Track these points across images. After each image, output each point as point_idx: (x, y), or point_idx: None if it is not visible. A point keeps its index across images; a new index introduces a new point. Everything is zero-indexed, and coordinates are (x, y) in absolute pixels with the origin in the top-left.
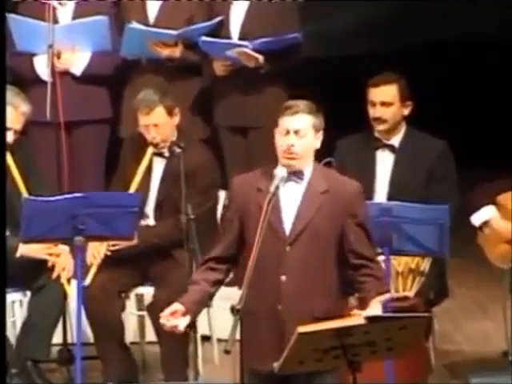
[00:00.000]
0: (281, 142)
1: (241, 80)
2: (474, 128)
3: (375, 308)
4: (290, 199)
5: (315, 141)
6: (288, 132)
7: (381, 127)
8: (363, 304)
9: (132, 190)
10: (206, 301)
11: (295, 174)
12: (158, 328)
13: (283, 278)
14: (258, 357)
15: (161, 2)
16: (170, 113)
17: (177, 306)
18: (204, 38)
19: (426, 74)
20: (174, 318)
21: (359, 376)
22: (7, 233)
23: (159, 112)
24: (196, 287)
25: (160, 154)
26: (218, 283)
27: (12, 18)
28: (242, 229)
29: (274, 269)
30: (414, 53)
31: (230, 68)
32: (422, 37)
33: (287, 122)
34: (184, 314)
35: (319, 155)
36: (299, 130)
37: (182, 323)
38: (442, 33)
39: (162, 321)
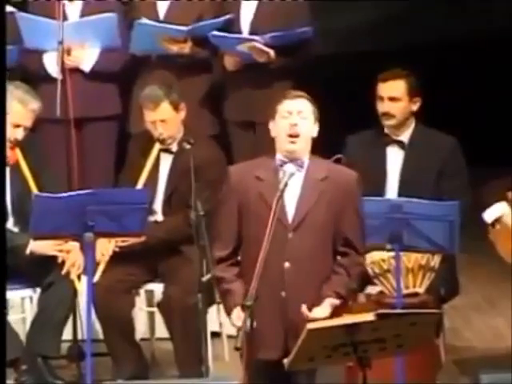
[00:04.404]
0: (283, 124)
1: (251, 75)
2: (484, 124)
3: (324, 309)
4: (291, 187)
5: (314, 128)
6: (290, 113)
7: (389, 122)
8: (320, 297)
9: (139, 186)
10: None
11: (296, 163)
12: (170, 325)
13: (286, 264)
14: (263, 346)
15: (170, 1)
16: (175, 108)
17: (240, 311)
18: (214, 33)
19: (437, 71)
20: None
21: (369, 370)
22: (17, 230)
23: (165, 107)
24: (237, 284)
25: (167, 150)
26: (240, 276)
27: (21, 16)
28: (240, 218)
29: (277, 256)
30: (425, 50)
31: (241, 63)
32: (433, 34)
33: (289, 104)
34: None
35: (328, 151)
36: (302, 112)
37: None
38: (453, 30)
39: (238, 325)
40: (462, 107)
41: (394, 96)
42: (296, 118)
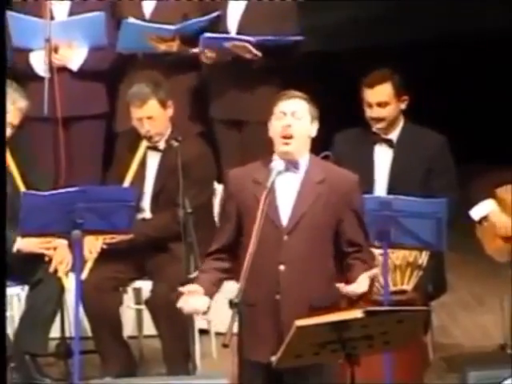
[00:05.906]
0: (277, 125)
1: (236, 74)
2: (472, 122)
3: (363, 281)
4: (287, 189)
5: (311, 127)
6: (284, 114)
7: (379, 126)
8: (351, 281)
9: (126, 183)
10: (219, 285)
11: (292, 164)
12: (158, 322)
13: (281, 267)
14: (256, 347)
15: (156, 0)
16: (163, 105)
17: (195, 287)
18: (207, 34)
19: (436, 71)
20: (193, 297)
21: (357, 368)
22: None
23: (152, 105)
24: (208, 274)
25: (154, 148)
26: (227, 271)
27: (8, 15)
28: (239, 220)
29: (272, 259)
30: (424, 50)
31: (217, 58)
32: (432, 33)
33: (283, 105)
34: (204, 294)
35: (316, 149)
36: (296, 112)
37: (202, 305)
38: (452, 30)
39: (180, 304)
40: (461, 107)
41: (383, 101)
42: (289, 119)
